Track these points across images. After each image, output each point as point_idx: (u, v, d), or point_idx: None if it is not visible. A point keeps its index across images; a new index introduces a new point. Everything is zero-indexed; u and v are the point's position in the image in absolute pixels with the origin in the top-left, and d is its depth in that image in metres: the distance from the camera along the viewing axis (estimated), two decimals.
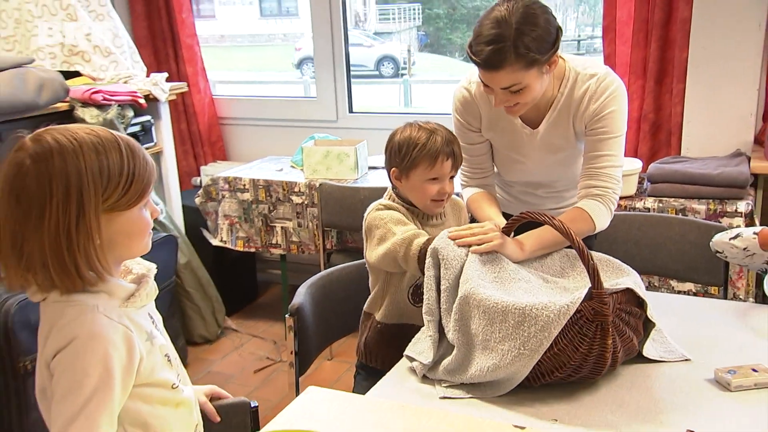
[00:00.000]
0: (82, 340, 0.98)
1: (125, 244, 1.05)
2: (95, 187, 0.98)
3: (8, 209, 0.98)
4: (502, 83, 1.52)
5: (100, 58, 2.95)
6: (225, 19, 9.82)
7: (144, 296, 1.08)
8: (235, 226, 3.11)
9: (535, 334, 1.25)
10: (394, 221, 1.55)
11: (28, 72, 2.39)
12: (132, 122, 2.80)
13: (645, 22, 2.72)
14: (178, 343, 2.87)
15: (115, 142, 1.03)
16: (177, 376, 1.13)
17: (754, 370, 1.35)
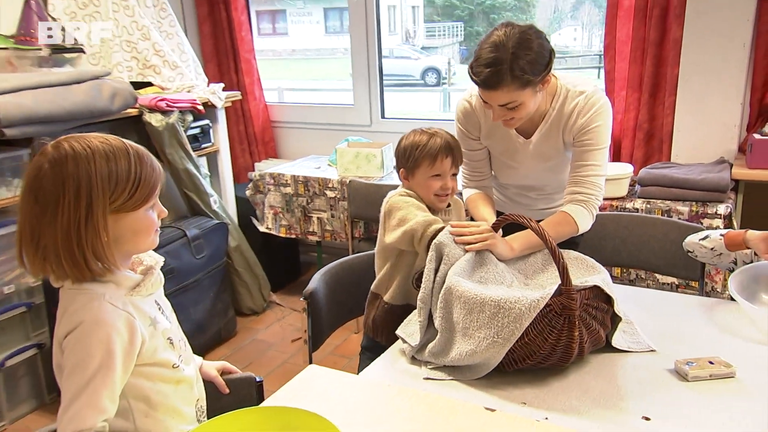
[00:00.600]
0: (88, 324, 0.97)
1: (132, 241, 1.04)
2: (103, 190, 0.97)
3: (28, 206, 0.98)
4: (500, 101, 1.48)
5: (169, 70, 2.97)
6: (296, 35, 9.89)
7: (149, 286, 1.07)
8: (279, 216, 3.11)
9: (508, 324, 1.21)
10: (416, 206, 1.51)
11: (103, 83, 2.42)
12: (192, 125, 2.81)
13: (642, 41, 2.60)
14: (228, 314, 2.90)
15: (124, 150, 1.01)
16: (179, 357, 1.11)
17: (711, 362, 1.28)
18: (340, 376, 1.28)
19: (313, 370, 1.30)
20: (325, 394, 1.21)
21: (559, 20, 9.01)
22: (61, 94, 2.24)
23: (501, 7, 10.23)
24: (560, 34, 9.70)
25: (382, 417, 1.14)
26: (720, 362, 1.28)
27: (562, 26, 9.36)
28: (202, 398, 1.18)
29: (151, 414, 1.06)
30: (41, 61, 2.60)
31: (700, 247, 1.59)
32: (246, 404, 1.23)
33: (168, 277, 2.54)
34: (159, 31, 3.07)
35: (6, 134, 2.04)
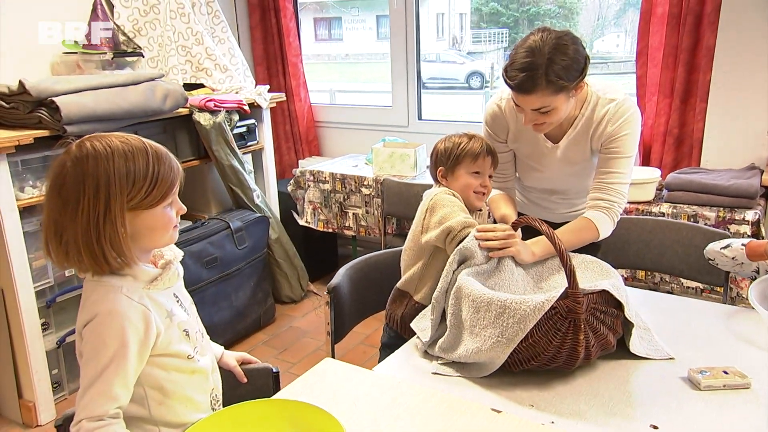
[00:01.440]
0: (104, 315, 0.96)
1: (149, 237, 1.02)
2: (121, 188, 0.96)
3: (52, 202, 0.98)
4: (533, 105, 1.42)
5: (219, 73, 3.00)
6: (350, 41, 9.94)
7: (166, 280, 1.06)
8: (317, 210, 3.11)
9: (513, 324, 1.15)
10: (460, 207, 1.45)
11: (157, 85, 2.45)
12: (238, 124, 2.83)
13: (674, 47, 2.46)
14: (268, 302, 2.92)
15: (143, 149, 1.00)
16: (194, 348, 1.09)
17: (725, 372, 1.19)
18: (353, 370, 1.25)
19: (328, 363, 1.27)
20: (338, 387, 1.18)
21: (603, 27, 8.74)
22: (118, 94, 2.28)
23: (545, 14, 10.04)
24: (603, 40, 9.40)
25: (390, 413, 1.11)
26: (735, 372, 1.19)
27: (605, 33, 9.07)
28: (217, 388, 1.16)
29: (166, 402, 1.05)
30: (105, 64, 2.66)
31: (721, 255, 1.48)
32: (263, 394, 1.21)
33: (211, 266, 2.60)
34: (212, 37, 3.10)
35: (68, 131, 2.09)
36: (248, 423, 0.96)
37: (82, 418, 0.94)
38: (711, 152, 2.42)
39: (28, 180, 2.09)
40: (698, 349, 1.31)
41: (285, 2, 3.45)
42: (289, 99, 3.59)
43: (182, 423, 1.06)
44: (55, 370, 2.20)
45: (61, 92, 2.10)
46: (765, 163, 2.33)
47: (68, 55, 2.66)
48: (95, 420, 0.94)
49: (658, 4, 2.46)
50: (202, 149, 2.73)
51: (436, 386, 1.20)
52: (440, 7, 10.53)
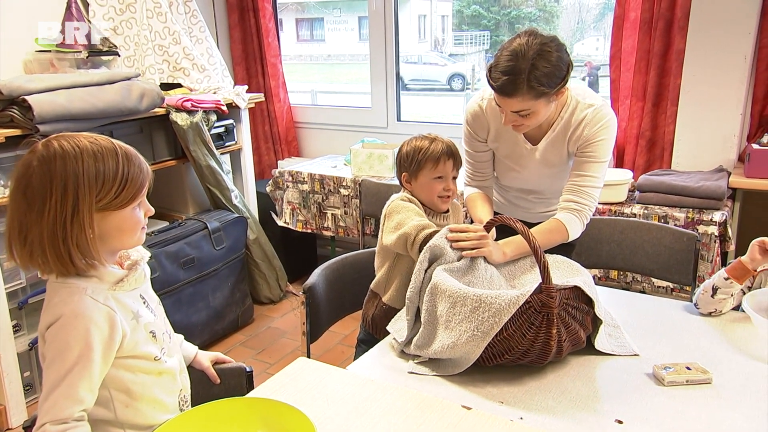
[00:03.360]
0: (67, 317, 0.95)
1: (117, 238, 1.01)
2: (90, 189, 0.95)
3: (17, 202, 0.96)
4: (513, 108, 1.45)
5: (197, 73, 2.98)
6: (332, 42, 9.92)
7: (132, 281, 1.04)
8: (296, 211, 3.11)
9: (488, 318, 1.18)
10: (414, 211, 1.48)
11: (133, 84, 2.44)
12: (216, 125, 2.82)
13: (646, 52, 2.52)
14: (246, 302, 2.91)
15: (113, 150, 0.99)
16: (161, 349, 1.08)
17: (688, 368, 1.23)
18: (327, 369, 1.26)
19: (302, 362, 1.28)
20: (311, 386, 1.19)
21: (582, 30, 8.84)
22: (93, 93, 2.26)
23: (526, 18, 10.12)
24: (583, 43, 9.52)
25: (362, 411, 1.12)
26: (697, 368, 1.22)
27: (585, 36, 9.18)
28: (186, 388, 1.16)
29: (132, 404, 1.04)
30: (80, 62, 2.63)
31: (719, 301, 1.45)
32: (236, 394, 1.22)
33: (188, 267, 2.59)
34: (189, 36, 3.08)
35: (40, 130, 2.06)
36: (219, 422, 0.97)
37: (46, 422, 0.92)
38: (681, 155, 2.48)
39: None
40: (664, 346, 1.35)
41: (264, 2, 3.45)
42: (269, 99, 3.59)
43: (149, 425, 1.05)
44: (27, 372, 2.17)
45: (33, 91, 2.07)
46: (732, 166, 2.39)
47: (42, 53, 2.62)
48: (59, 423, 0.92)
49: (631, 9, 2.52)
50: (180, 149, 2.71)
51: (409, 384, 1.22)
52: (422, 9, 10.57)
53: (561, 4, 6.81)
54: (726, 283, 1.43)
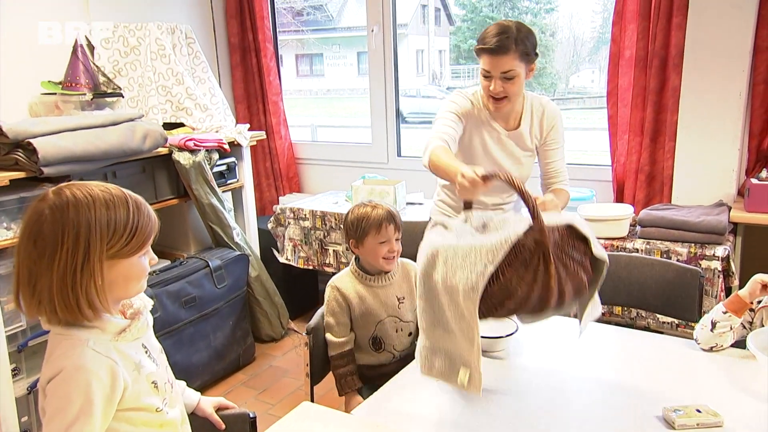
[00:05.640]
0: (69, 371, 0.94)
1: (123, 286, 1.01)
2: (101, 237, 0.95)
3: (26, 250, 0.96)
4: (504, 68, 1.69)
5: (199, 112, 3.03)
6: (331, 76, 10.08)
7: (135, 330, 1.04)
8: (297, 248, 3.11)
9: (482, 258, 1.10)
10: (331, 311, 1.65)
11: (136, 125, 2.47)
12: (218, 163, 2.85)
13: (642, 88, 2.56)
14: (247, 341, 2.88)
15: (123, 199, 1.00)
16: (163, 400, 1.07)
17: (698, 410, 1.21)
18: (331, 414, 1.24)
19: (305, 407, 1.26)
20: (315, 430, 1.18)
21: (578, 63, 8.98)
22: (97, 135, 2.29)
23: None
24: (578, 76, 9.66)
25: None
26: (708, 411, 1.21)
27: (580, 69, 9.31)
28: None
29: None
30: (84, 104, 2.68)
31: (719, 335, 1.45)
32: None
33: (189, 306, 2.57)
34: (192, 77, 3.14)
35: (45, 172, 2.08)
36: None
37: None
38: (681, 189, 2.49)
39: (2, 222, 2.08)
40: (671, 386, 1.34)
41: (265, 42, 3.52)
42: (270, 137, 3.63)
43: None
44: (24, 417, 2.14)
45: (38, 134, 2.10)
46: (733, 200, 2.41)
47: (47, 96, 2.67)
48: None
49: (626, 48, 2.57)
50: (182, 188, 2.73)
51: (415, 428, 1.20)
52: (420, 44, 10.79)
53: (556, 38, 6.91)
54: (724, 317, 1.44)
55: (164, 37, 3.01)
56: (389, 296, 1.68)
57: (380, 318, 1.66)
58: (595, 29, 8.91)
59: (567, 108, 9.43)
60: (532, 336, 1.64)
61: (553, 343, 1.63)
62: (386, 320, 1.66)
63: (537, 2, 10.11)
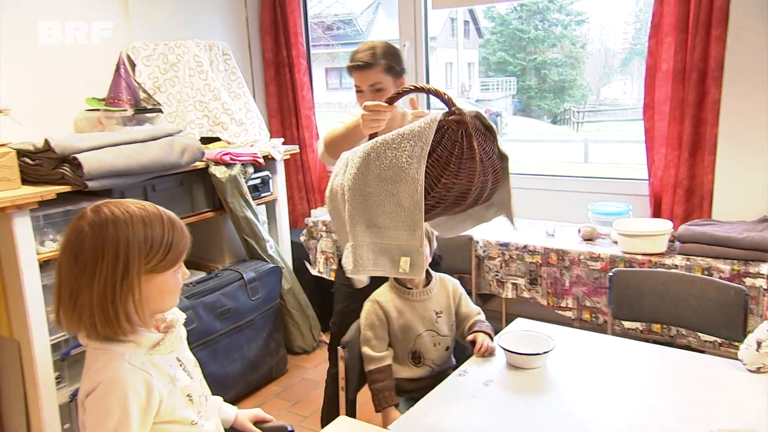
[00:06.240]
0: (106, 385, 0.96)
1: (159, 300, 1.05)
2: (139, 253, 0.99)
3: (68, 266, 0.99)
4: (371, 80, 1.85)
5: (235, 127, 3.09)
6: None
7: (169, 344, 1.06)
8: (329, 260, 3.13)
9: (414, 143, 1.16)
10: (370, 325, 1.66)
11: (175, 140, 2.53)
12: (253, 176, 2.90)
13: (680, 101, 2.51)
14: (280, 353, 2.91)
15: (159, 216, 1.03)
16: (198, 413, 1.08)
17: None
18: (369, 429, 1.25)
19: (342, 421, 1.27)
20: None
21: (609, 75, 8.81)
22: (138, 150, 2.36)
23: (552, 63, 10.22)
24: (610, 87, 9.49)
25: None
26: None
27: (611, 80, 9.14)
28: None
29: None
30: (126, 120, 2.76)
31: (766, 356, 1.42)
32: None
33: (224, 317, 2.61)
34: (228, 92, 3.21)
35: (89, 186, 2.15)
36: None
37: None
38: (722, 204, 2.43)
39: (49, 234, 2.15)
40: (717, 409, 1.30)
41: (299, 58, 3.58)
42: (302, 150, 3.68)
43: None
44: (67, 425, 2.20)
45: (83, 149, 2.17)
46: None
47: (91, 112, 2.76)
48: None
49: (663, 60, 2.53)
50: (217, 201, 2.79)
51: None
52: (449, 57, 10.80)
53: (587, 49, 6.85)
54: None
55: (202, 53, 3.09)
56: (427, 310, 1.68)
57: (418, 332, 1.66)
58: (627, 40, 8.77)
59: (598, 120, 9.30)
60: (569, 353, 1.62)
61: (590, 359, 1.60)
62: (424, 334, 1.66)
63: (567, 14, 10.03)
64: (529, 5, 9.01)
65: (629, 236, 2.34)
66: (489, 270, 2.68)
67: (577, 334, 1.77)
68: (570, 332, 1.77)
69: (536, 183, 3.09)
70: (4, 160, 2.03)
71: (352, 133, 1.73)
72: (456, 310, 1.74)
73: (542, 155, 8.11)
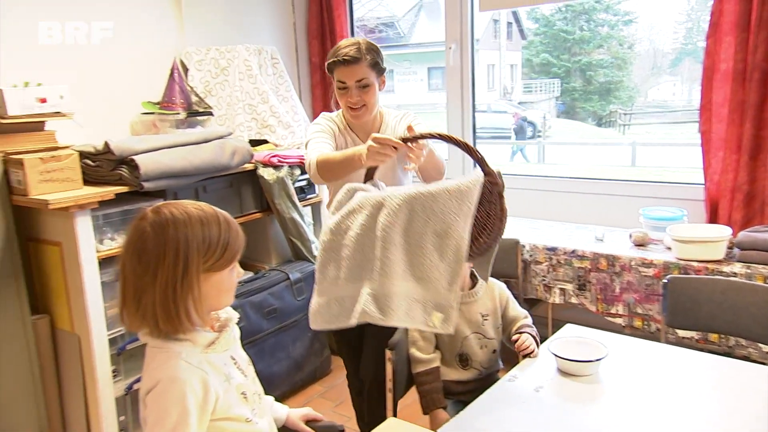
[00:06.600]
0: (165, 383, 0.99)
1: (216, 298, 1.07)
2: (198, 252, 1.02)
3: (131, 266, 1.02)
4: (357, 76, 1.78)
5: (282, 129, 3.14)
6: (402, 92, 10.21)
7: (223, 342, 1.09)
8: None
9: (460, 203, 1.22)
10: None
11: (226, 142, 2.59)
12: (299, 178, 2.94)
13: (740, 103, 2.42)
14: (324, 353, 2.93)
15: (215, 217, 1.06)
16: (252, 411, 1.10)
17: None
18: (415, 430, 1.24)
19: (391, 423, 1.27)
20: None
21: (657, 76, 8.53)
22: (191, 152, 2.42)
23: (597, 65, 9.99)
24: (658, 89, 9.16)
25: None
26: None
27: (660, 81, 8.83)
28: None
29: None
30: (178, 123, 2.84)
31: None
32: None
33: (271, 317, 2.66)
34: (276, 95, 3.26)
35: (145, 187, 2.22)
36: None
37: None
38: None
39: (107, 233, 2.23)
40: None
41: None
42: None
43: None
44: (122, 417, 2.27)
45: (140, 151, 2.25)
46: None
47: (146, 116, 2.86)
48: None
49: (722, 60, 2.44)
50: (265, 202, 2.84)
51: None
52: (491, 59, 10.68)
53: (634, 50, 6.67)
54: None
55: (251, 58, 3.16)
56: (473, 313, 1.66)
57: (465, 334, 1.65)
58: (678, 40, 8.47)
59: (647, 123, 9.04)
60: (621, 360, 1.58)
61: (643, 368, 1.55)
62: (470, 336, 1.65)
63: (615, 14, 9.76)
64: (574, 6, 8.84)
65: (685, 242, 2.27)
66: (536, 274, 2.63)
67: (629, 342, 1.72)
68: (622, 339, 1.73)
69: (583, 187, 3.03)
70: (68, 162, 2.12)
71: (349, 162, 1.61)
72: (503, 313, 1.72)
73: (586, 158, 7.95)
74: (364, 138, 1.85)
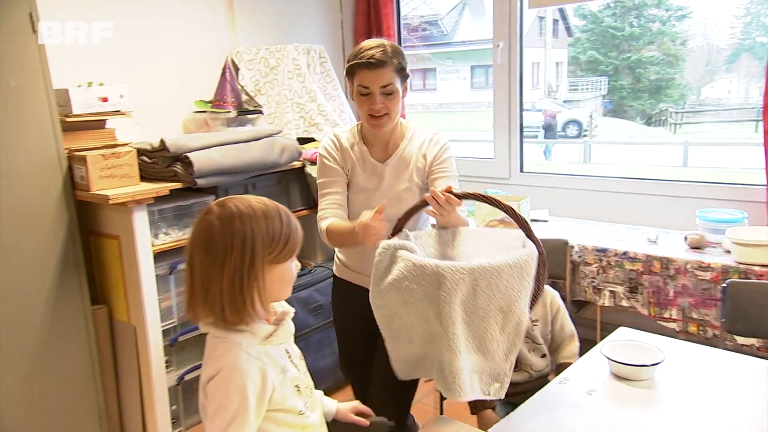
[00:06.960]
0: (226, 371, 1.01)
1: (278, 289, 1.10)
2: (263, 244, 1.04)
3: (200, 258, 1.05)
4: (382, 81, 1.60)
5: (329, 127, 3.17)
6: (444, 90, 10.13)
7: (280, 335, 1.11)
8: None
9: (521, 278, 1.26)
10: None
11: (275, 140, 2.64)
12: None
13: None
14: None
15: (277, 210, 1.09)
16: (305, 404, 1.12)
17: None
18: (464, 429, 1.24)
19: (442, 421, 1.27)
20: None
21: (712, 73, 8.19)
22: (242, 149, 2.47)
23: (647, 62, 9.65)
24: (713, 87, 8.78)
25: None
26: None
27: (715, 79, 8.46)
28: None
29: None
30: (229, 121, 2.91)
31: None
32: None
33: (317, 312, 2.69)
34: (324, 94, 3.30)
35: (198, 183, 2.28)
36: None
37: None
38: None
39: (162, 228, 2.30)
40: None
41: None
42: None
43: None
44: (174, 406, 2.34)
45: (194, 148, 2.31)
46: None
47: (198, 114, 2.93)
48: None
49: None
50: (311, 200, 2.87)
51: None
52: (536, 57, 10.49)
53: (687, 46, 6.43)
54: None
55: (300, 57, 3.20)
56: None
57: None
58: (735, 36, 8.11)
59: (700, 121, 8.69)
60: (677, 366, 1.53)
61: (701, 374, 1.50)
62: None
63: (667, 9, 9.40)
64: (624, 1, 8.59)
65: (746, 245, 2.18)
66: (585, 276, 2.58)
67: (685, 347, 1.67)
68: (678, 344, 1.68)
69: (634, 187, 2.94)
70: (126, 159, 2.20)
71: (352, 239, 1.55)
72: (551, 324, 1.70)
73: (634, 158, 7.71)
74: (378, 150, 1.76)
